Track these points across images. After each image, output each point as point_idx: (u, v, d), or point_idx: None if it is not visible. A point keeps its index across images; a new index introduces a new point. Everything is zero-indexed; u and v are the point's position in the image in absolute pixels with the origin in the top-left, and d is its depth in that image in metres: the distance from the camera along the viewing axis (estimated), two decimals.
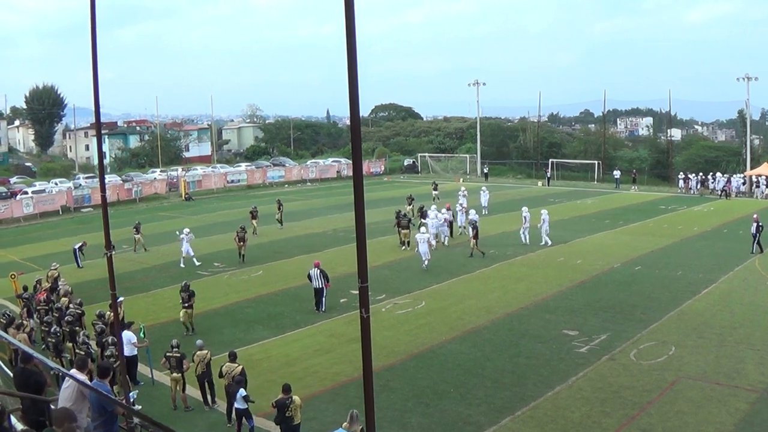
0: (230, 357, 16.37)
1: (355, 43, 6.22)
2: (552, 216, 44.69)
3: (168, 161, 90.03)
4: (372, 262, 8.46)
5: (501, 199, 55.31)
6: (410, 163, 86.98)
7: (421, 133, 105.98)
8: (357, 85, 6.32)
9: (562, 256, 32.29)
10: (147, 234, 38.41)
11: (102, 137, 13.36)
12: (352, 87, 6.32)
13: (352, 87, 6.32)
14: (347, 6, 6.08)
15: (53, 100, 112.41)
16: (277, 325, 23.25)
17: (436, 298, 25.73)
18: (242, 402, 15.11)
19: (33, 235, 46.81)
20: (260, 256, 34.14)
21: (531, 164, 79.79)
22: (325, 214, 41.59)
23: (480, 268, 30.39)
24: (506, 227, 40.42)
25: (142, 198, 63.70)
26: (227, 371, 15.88)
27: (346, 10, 6.10)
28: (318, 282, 24.48)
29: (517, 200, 55.00)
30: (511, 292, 26.29)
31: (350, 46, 6.21)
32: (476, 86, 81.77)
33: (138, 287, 29.05)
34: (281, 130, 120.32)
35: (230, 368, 15.92)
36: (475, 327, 22.23)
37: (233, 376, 15.63)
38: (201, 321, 23.79)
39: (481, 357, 19.55)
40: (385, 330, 21.70)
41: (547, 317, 22.94)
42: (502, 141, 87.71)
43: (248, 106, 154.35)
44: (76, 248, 34.34)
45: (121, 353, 14.98)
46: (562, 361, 18.91)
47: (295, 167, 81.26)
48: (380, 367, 18.10)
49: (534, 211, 37.90)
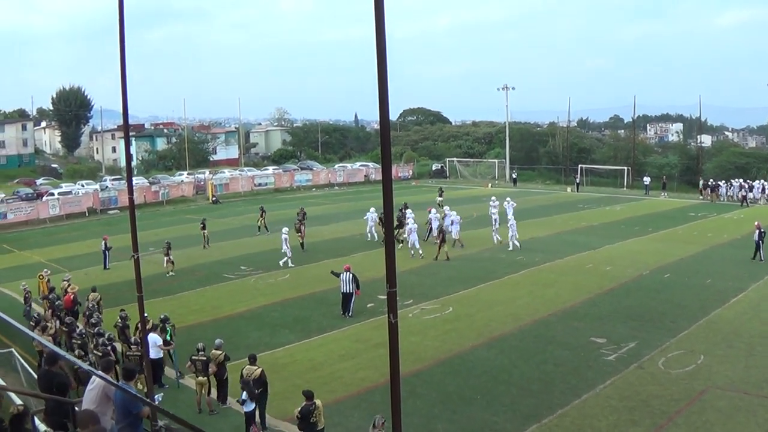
0: (250, 360, 16.38)
1: (385, 46, 6.18)
2: (580, 222, 44.73)
3: (195, 164, 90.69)
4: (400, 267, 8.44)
5: (529, 205, 55.04)
6: (438, 168, 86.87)
7: (449, 138, 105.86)
8: (387, 88, 6.28)
9: (591, 263, 32.02)
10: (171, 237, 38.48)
11: (129, 139, 13.41)
12: (381, 90, 6.27)
13: (381, 90, 6.27)
14: (377, 8, 6.04)
15: (80, 101, 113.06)
16: (303, 329, 23.26)
17: (464, 304, 25.61)
18: (248, 405, 15.22)
19: (59, 237, 47.26)
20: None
21: (560, 170, 79.30)
22: (352, 218, 41.64)
23: (508, 274, 30.23)
24: (535, 233, 40.19)
25: (168, 200, 64.20)
26: (247, 374, 15.87)
27: (375, 12, 6.06)
28: (347, 286, 24.41)
29: (545, 206, 54.76)
30: (539, 299, 26.10)
31: (380, 48, 6.17)
32: (505, 91, 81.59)
33: (164, 290, 29.21)
34: (309, 133, 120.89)
35: (250, 371, 15.92)
36: (503, 333, 22.09)
37: (253, 379, 15.64)
38: (226, 324, 23.89)
39: (508, 364, 19.42)
40: (411, 335, 21.62)
41: (575, 324, 22.74)
42: (531, 146, 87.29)
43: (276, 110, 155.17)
44: (105, 249, 34.49)
45: (147, 356, 15.03)
46: (589, 369, 18.73)
47: (322, 171, 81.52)
48: (407, 373, 18.01)
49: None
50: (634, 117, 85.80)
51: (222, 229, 44.84)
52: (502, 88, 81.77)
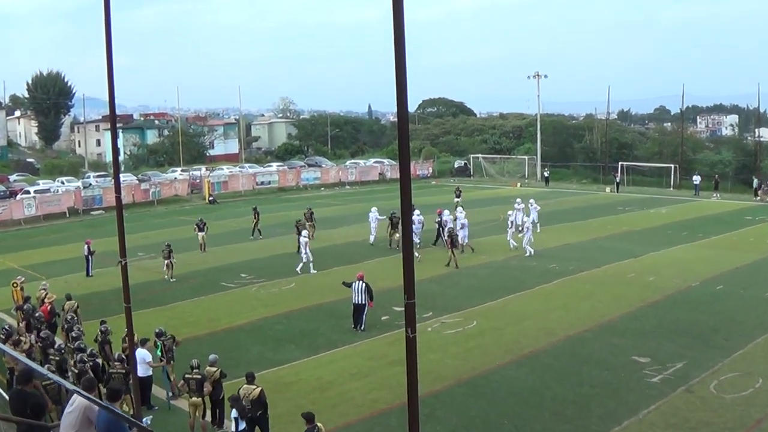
0: (248, 378, 16.38)
1: (403, 29, 6.20)
2: (621, 226, 44.56)
3: (190, 159, 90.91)
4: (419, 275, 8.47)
5: (563, 207, 54.89)
6: (461, 165, 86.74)
7: (473, 132, 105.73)
8: (405, 76, 6.30)
9: (633, 272, 31.91)
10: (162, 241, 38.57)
11: (116, 131, 13.44)
12: (399, 79, 6.29)
13: (399, 79, 6.29)
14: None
15: (59, 88, 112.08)
16: (310, 344, 23.30)
17: (490, 317, 25.58)
18: (239, 424, 15.27)
19: (35, 240, 47.25)
20: (293, 267, 34.23)
21: (598, 168, 79.02)
22: (365, 221, 41.63)
23: (540, 284, 30.16)
24: (569, 239, 40.11)
25: (160, 200, 64.37)
26: (245, 394, 15.88)
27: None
28: (359, 297, 24.40)
29: (581, 208, 54.59)
30: (574, 312, 26.03)
31: (397, 32, 6.19)
32: (536, 79, 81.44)
33: (155, 299, 29.31)
34: (317, 126, 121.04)
35: (248, 390, 15.92)
36: (533, 351, 22.04)
37: (251, 399, 15.68)
38: (225, 338, 23.98)
39: (540, 385, 19.37)
40: (431, 352, 21.61)
41: (614, 341, 22.66)
42: (566, 141, 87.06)
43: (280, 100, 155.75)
44: (88, 254, 34.50)
45: (135, 373, 15.05)
46: (631, 392, 18.65)
47: (332, 168, 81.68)
48: (425, 394, 18.00)
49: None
50: (682, 108, 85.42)
51: (220, 233, 44.95)
52: (534, 76, 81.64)
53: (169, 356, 19.46)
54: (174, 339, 19.98)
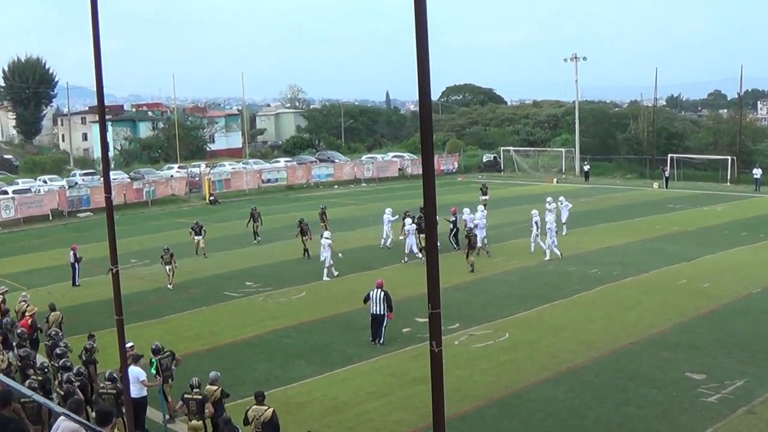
0: (257, 398, 16.36)
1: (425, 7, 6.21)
2: (671, 226, 44.38)
3: (188, 155, 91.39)
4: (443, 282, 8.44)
5: (605, 205, 54.78)
6: (490, 159, 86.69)
7: (504, 122, 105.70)
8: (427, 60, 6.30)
9: (685, 278, 31.77)
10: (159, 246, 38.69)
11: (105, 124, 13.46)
12: (421, 63, 6.30)
13: (421, 63, 6.30)
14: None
15: (40, 76, 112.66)
16: (324, 359, 23.34)
17: (523, 329, 25.55)
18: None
19: (14, 246, 47.42)
20: (303, 274, 34.35)
21: (644, 161, 78.72)
22: (382, 223, 41.59)
23: (579, 291, 30.10)
24: (612, 240, 39.99)
25: (155, 200, 64.72)
26: (254, 416, 15.88)
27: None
28: (378, 307, 24.36)
29: (625, 206, 54.46)
30: (619, 323, 25.94)
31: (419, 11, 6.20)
32: (574, 62, 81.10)
33: (149, 311, 29.42)
34: (329, 117, 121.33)
35: (258, 412, 15.92)
36: (572, 366, 21.99)
37: (262, 422, 15.68)
38: (228, 353, 24.05)
39: (580, 405, 19.32)
40: (458, 368, 21.61)
41: (664, 356, 22.56)
42: (608, 131, 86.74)
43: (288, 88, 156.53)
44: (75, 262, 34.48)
45: (127, 394, 15.03)
46: (684, 413, 18.57)
47: (346, 164, 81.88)
48: (452, 416, 17.98)
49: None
50: (740, 92, 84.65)
51: (222, 236, 45.14)
52: (571, 58, 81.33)
53: (166, 375, 19.37)
54: (173, 356, 19.87)
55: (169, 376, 19.47)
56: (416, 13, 6.20)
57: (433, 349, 6.64)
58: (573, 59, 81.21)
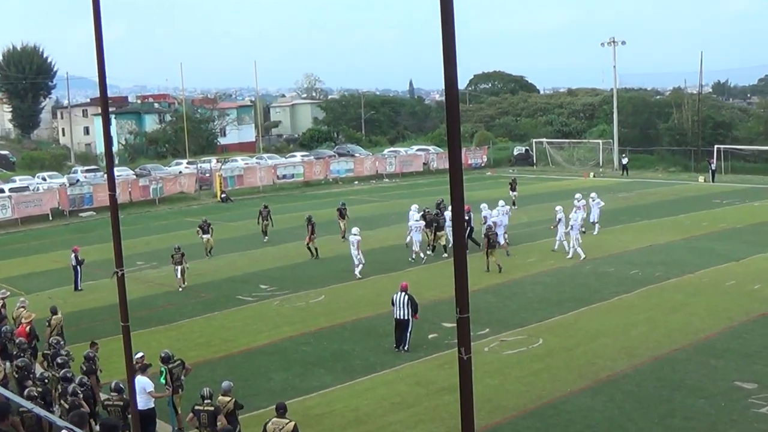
0: (278, 411, 16.33)
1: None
2: (718, 223, 44.15)
3: (197, 150, 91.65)
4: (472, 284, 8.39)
5: (645, 201, 54.59)
6: (522, 152, 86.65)
7: (536, 112, 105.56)
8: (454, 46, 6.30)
9: (733, 279, 31.61)
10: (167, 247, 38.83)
11: (109, 117, 13.52)
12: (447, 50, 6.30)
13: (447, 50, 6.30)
14: None
15: (38, 65, 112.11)
16: (344, 368, 23.37)
17: (559, 335, 25.50)
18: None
19: (11, 248, 47.55)
20: (322, 276, 34.40)
21: (688, 153, 78.41)
22: (407, 221, 41.57)
23: (619, 294, 30.00)
24: (654, 239, 39.85)
25: (162, 198, 65.06)
26: (274, 429, 15.89)
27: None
28: (402, 311, 24.32)
29: (668, 202, 54.29)
30: (662, 328, 25.84)
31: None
32: (612, 47, 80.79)
33: (157, 317, 29.54)
34: (349, 108, 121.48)
35: (278, 425, 15.91)
36: (612, 374, 21.93)
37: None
38: (242, 362, 24.12)
39: (620, 416, 19.27)
40: (488, 377, 21.61)
41: (712, 363, 22.46)
42: (649, 121, 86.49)
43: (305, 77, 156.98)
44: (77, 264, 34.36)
45: (134, 406, 15.01)
46: (734, 425, 18.47)
47: (367, 158, 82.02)
48: (482, 428, 18.02)
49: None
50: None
51: (234, 236, 45.30)
52: (609, 42, 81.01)
53: (177, 385, 19.31)
54: (183, 365, 19.86)
55: (180, 386, 19.43)
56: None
57: (461, 356, 6.64)
58: (611, 44, 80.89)
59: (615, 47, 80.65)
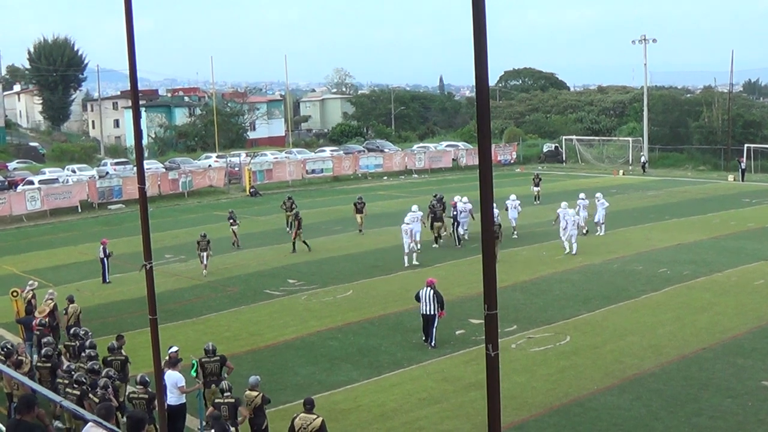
0: (306, 406, 16.28)
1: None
2: (747, 223, 43.85)
3: (227, 144, 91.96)
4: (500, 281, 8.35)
5: (674, 199, 54.30)
6: (551, 149, 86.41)
7: (566, 109, 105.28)
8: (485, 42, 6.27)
9: (762, 278, 31.39)
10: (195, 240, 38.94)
11: (139, 110, 13.56)
12: (478, 45, 6.27)
13: (478, 45, 6.27)
14: None
15: (68, 58, 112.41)
16: (371, 363, 23.39)
17: (586, 332, 25.41)
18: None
19: (40, 240, 47.77)
20: (350, 271, 34.43)
21: (718, 151, 77.98)
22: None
23: (646, 292, 29.86)
24: (682, 237, 39.63)
25: (192, 191, 65.31)
26: (301, 424, 15.86)
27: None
28: (428, 307, 24.27)
29: (697, 200, 53.99)
30: (690, 327, 25.70)
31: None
32: (643, 44, 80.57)
33: (185, 310, 29.66)
34: (378, 103, 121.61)
35: (306, 421, 15.87)
36: (639, 373, 21.83)
37: (309, 431, 15.65)
38: (269, 356, 24.19)
39: (647, 415, 19.18)
40: (515, 374, 21.56)
41: (739, 362, 22.31)
42: (679, 119, 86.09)
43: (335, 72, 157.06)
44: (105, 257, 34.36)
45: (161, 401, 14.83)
46: (761, 425, 18.34)
47: (396, 153, 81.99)
48: (509, 425, 18.00)
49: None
50: None
51: (263, 230, 45.40)
52: (639, 40, 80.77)
53: (211, 380, 18.83)
54: (223, 362, 19.26)
55: (213, 382, 18.76)
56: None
57: (489, 353, 6.62)
58: (642, 41, 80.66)
59: (646, 45, 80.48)
